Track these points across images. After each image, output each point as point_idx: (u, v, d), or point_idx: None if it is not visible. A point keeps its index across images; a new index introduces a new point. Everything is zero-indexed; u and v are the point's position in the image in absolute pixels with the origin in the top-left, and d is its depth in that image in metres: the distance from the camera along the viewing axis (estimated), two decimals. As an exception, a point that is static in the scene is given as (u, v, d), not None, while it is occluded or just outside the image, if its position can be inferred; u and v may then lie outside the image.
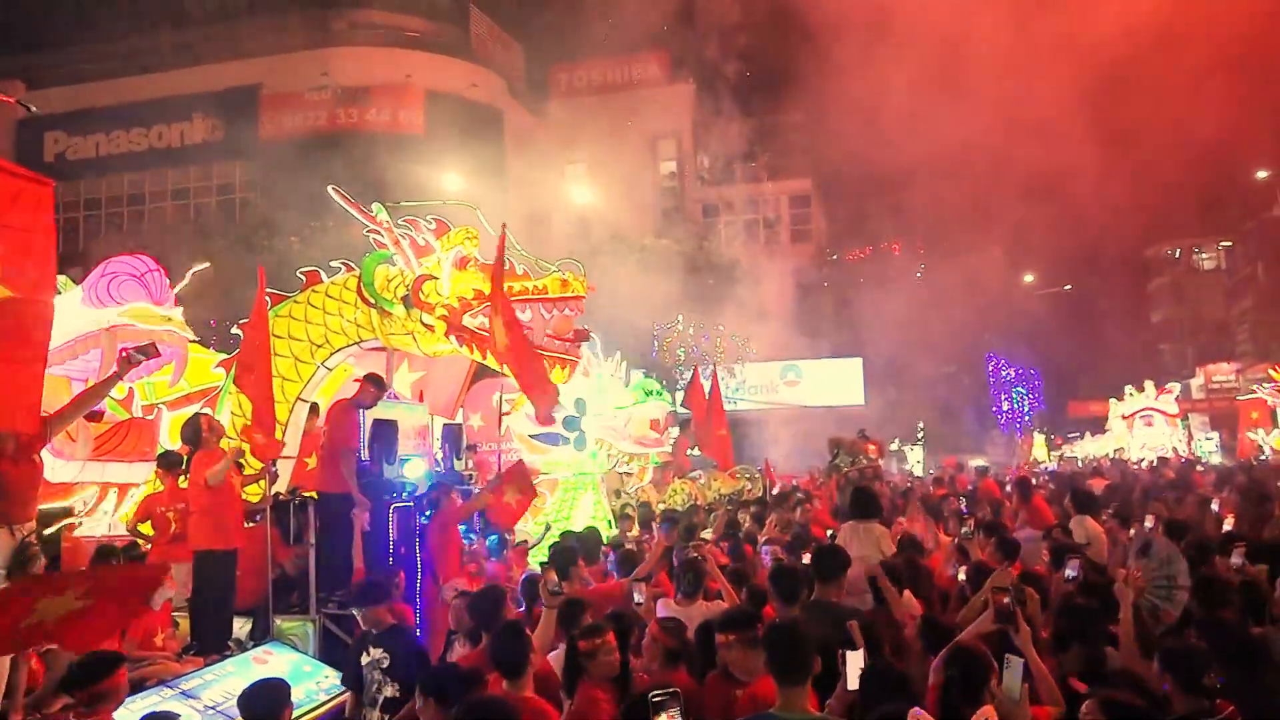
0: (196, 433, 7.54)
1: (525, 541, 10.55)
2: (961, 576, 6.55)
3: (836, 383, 36.85)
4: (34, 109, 7.36)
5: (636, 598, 5.87)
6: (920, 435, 38.78)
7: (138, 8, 34.52)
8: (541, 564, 7.57)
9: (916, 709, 3.25)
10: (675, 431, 15.80)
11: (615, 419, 13.60)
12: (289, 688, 4.34)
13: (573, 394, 12.70)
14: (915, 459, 36.70)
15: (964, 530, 7.72)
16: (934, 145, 26.97)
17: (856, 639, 4.18)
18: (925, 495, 13.43)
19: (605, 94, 39.19)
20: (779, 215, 41.65)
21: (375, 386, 8.52)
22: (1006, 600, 4.33)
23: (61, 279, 8.64)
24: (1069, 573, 5.93)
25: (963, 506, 10.60)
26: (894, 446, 37.73)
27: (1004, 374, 49.79)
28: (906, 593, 5.86)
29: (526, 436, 12.97)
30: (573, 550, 7.47)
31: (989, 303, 38.32)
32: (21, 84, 32.07)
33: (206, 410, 8.70)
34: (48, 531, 7.39)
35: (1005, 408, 49.41)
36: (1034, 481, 12.71)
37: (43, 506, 6.86)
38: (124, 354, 6.17)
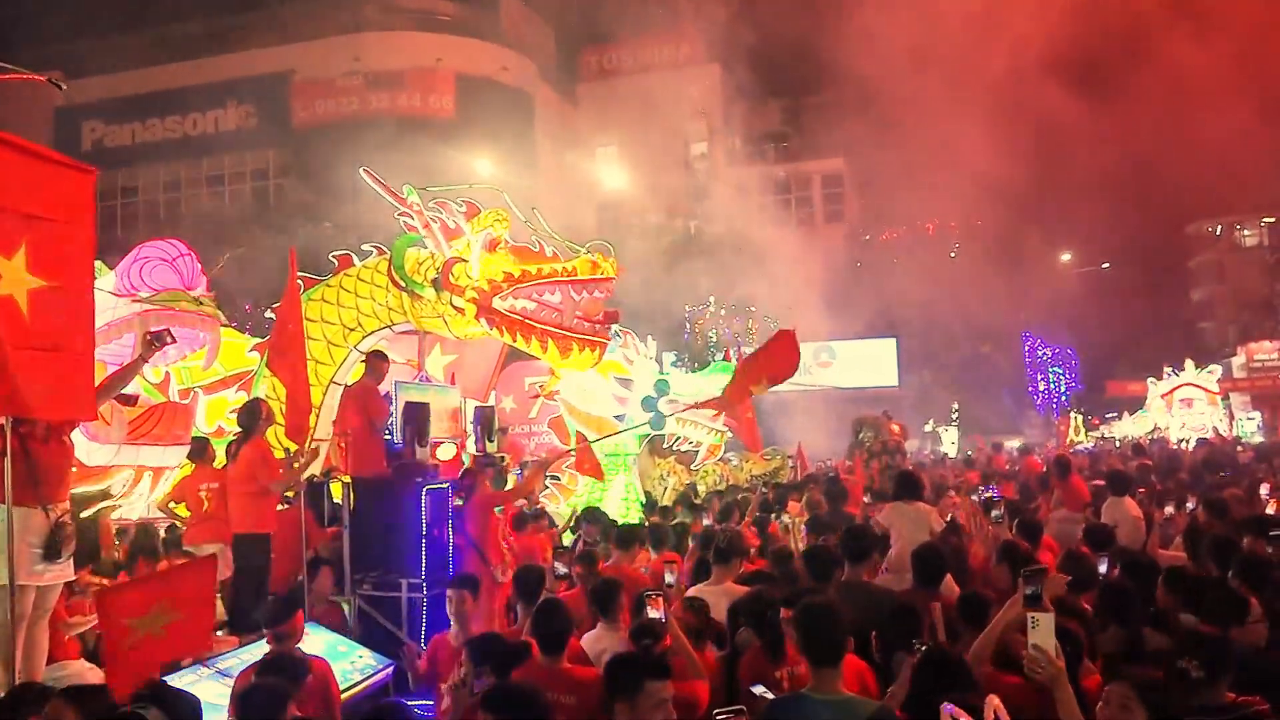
0: (253, 417, 7.60)
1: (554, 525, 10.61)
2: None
3: (870, 364, 36.59)
4: (63, 86, 7.39)
5: (668, 579, 5.85)
6: (955, 416, 38.44)
7: (171, -4, 34.82)
8: (559, 548, 7.61)
9: (949, 705, 3.20)
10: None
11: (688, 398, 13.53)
12: (289, 692, 4.29)
13: (648, 376, 12.83)
14: (950, 440, 36.40)
15: (994, 514, 7.64)
16: (969, 122, 26.61)
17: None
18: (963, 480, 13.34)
19: (635, 76, 39.03)
20: (811, 195, 41.33)
21: (378, 360, 8.61)
22: (1031, 590, 4.29)
23: (96, 264, 8.73)
24: (1102, 568, 5.84)
25: (993, 490, 10.53)
26: (929, 428, 37.43)
27: (1040, 354, 49.20)
28: (947, 577, 5.80)
29: (589, 414, 12.79)
30: (635, 531, 7.63)
31: (1025, 282, 37.87)
32: (59, 73, 32.45)
33: (264, 397, 8.76)
34: (84, 514, 7.49)
35: (1042, 388, 48.85)
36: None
37: (79, 489, 6.96)
38: (147, 337, 6.23)
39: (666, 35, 38.84)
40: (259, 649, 6.10)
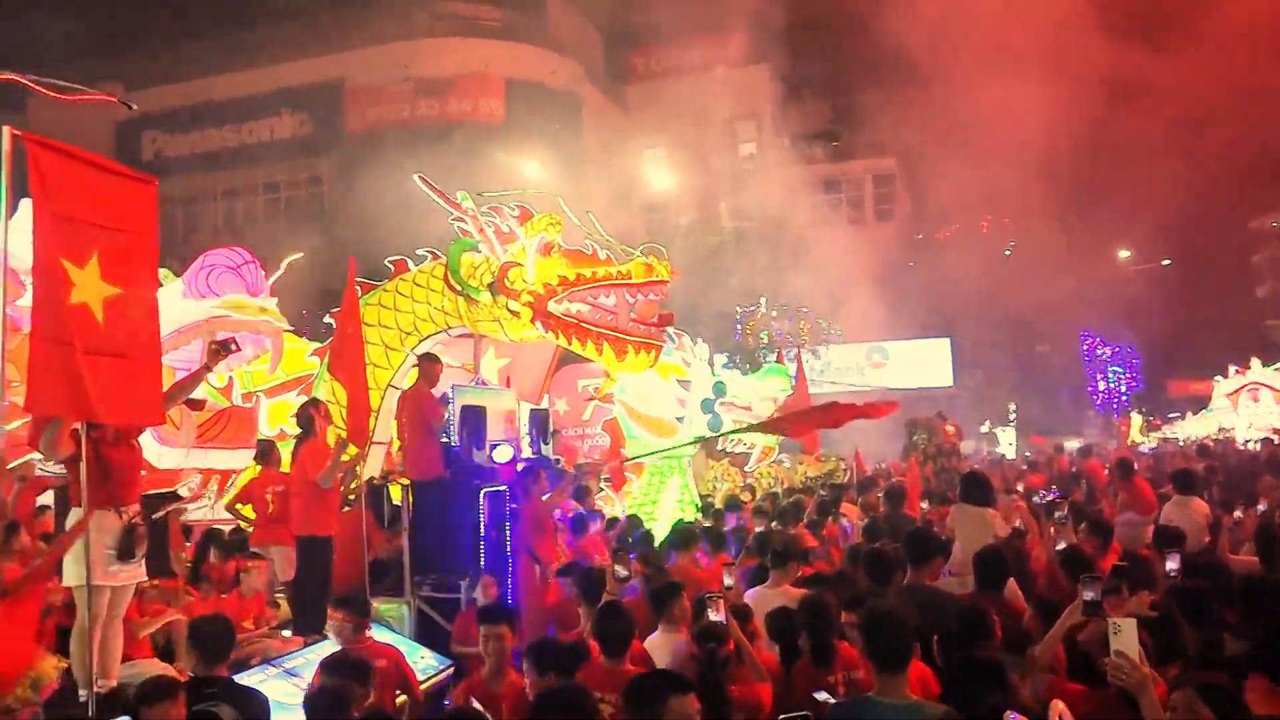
0: (309, 420, 7.73)
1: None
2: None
3: (924, 364, 36.19)
4: (134, 107, 7.58)
5: (727, 580, 5.85)
6: (1012, 417, 37.85)
7: (225, 8, 35.50)
8: (615, 551, 7.64)
9: (1014, 714, 3.17)
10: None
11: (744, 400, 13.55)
12: (353, 692, 4.41)
13: (705, 379, 12.87)
14: (1007, 441, 35.86)
15: (1058, 515, 7.52)
16: (1024, 117, 26.17)
17: None
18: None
19: (683, 77, 38.93)
20: (862, 194, 40.99)
21: (430, 363, 8.74)
22: (1090, 595, 4.24)
23: (163, 272, 8.93)
24: (1170, 565, 5.72)
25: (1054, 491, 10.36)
26: (985, 428, 36.92)
27: (1099, 353, 48.27)
28: (1010, 581, 5.72)
29: (650, 416, 12.81)
30: (691, 532, 7.83)
31: (1082, 279, 37.16)
32: (119, 85, 33.24)
33: (319, 398, 8.91)
34: (155, 516, 7.65)
35: (1101, 388, 47.94)
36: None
37: (150, 492, 7.12)
38: (213, 347, 6.34)
39: (714, 36, 38.67)
40: (323, 649, 6.23)
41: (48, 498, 8.95)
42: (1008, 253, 37.92)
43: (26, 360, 4.95)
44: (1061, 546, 6.69)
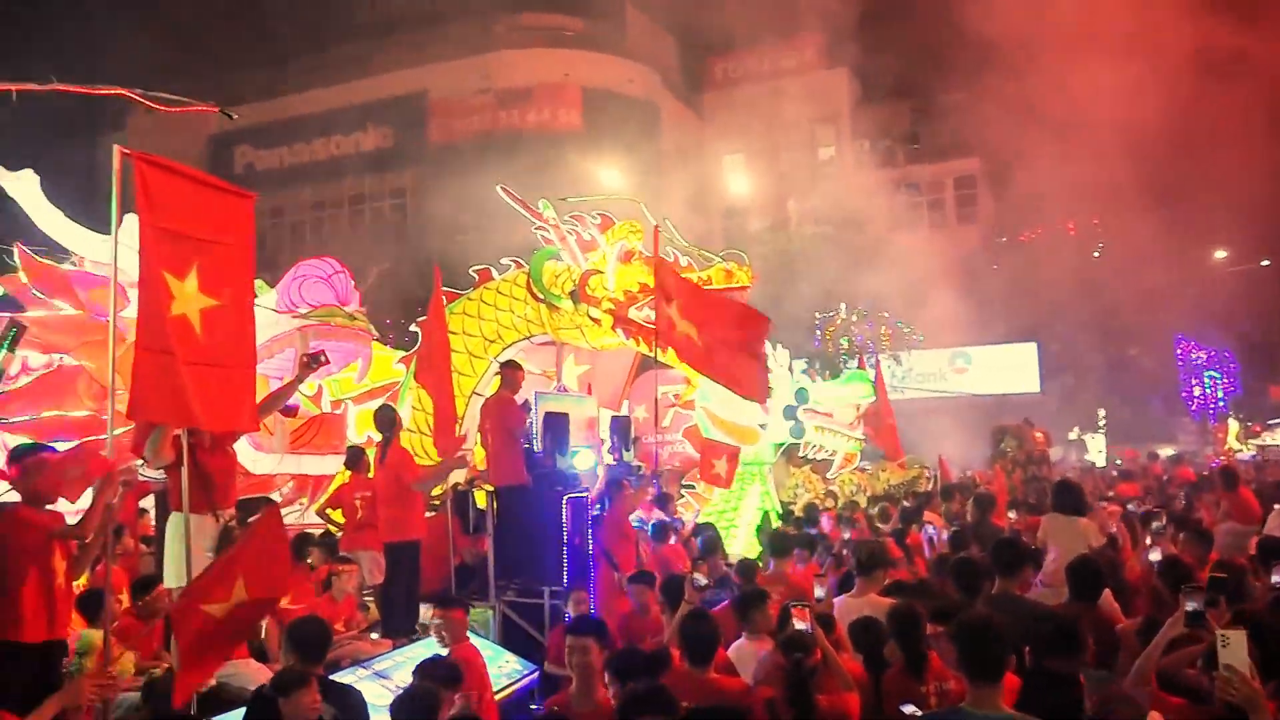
0: (390, 422, 7.89)
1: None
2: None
3: (1010, 369, 35.36)
4: (235, 116, 7.84)
5: (818, 593, 5.80)
6: (1101, 424, 36.72)
7: (311, 26, 36.47)
8: (695, 560, 7.64)
9: None
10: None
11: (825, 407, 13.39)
12: (440, 696, 4.49)
13: (787, 385, 12.81)
14: (1097, 448, 34.79)
15: (1155, 525, 7.28)
16: (1111, 112, 25.41)
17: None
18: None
19: (761, 82, 38.75)
20: (944, 197, 40.29)
21: (512, 370, 8.80)
22: (1192, 606, 4.11)
23: (258, 283, 9.20)
24: (1275, 578, 5.50)
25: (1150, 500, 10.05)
26: (1073, 435, 35.91)
27: (1194, 357, 46.53)
28: (1106, 592, 5.56)
29: (735, 423, 12.74)
30: (789, 538, 7.82)
31: (1176, 282, 35.87)
32: (209, 102, 34.34)
33: (411, 408, 9.11)
34: (250, 520, 7.88)
35: (1196, 393, 46.19)
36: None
37: (246, 497, 7.34)
38: (304, 359, 6.51)
39: (791, 41, 38.46)
40: (412, 651, 6.34)
41: (148, 502, 9.29)
42: (1096, 254, 36.82)
43: (131, 369, 5.14)
44: (1157, 557, 6.48)
